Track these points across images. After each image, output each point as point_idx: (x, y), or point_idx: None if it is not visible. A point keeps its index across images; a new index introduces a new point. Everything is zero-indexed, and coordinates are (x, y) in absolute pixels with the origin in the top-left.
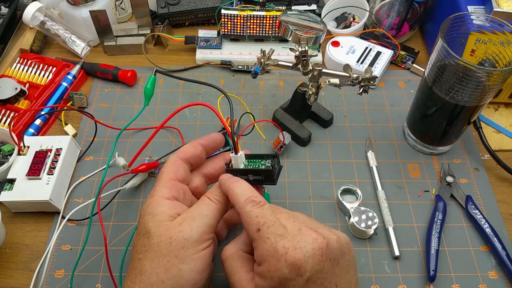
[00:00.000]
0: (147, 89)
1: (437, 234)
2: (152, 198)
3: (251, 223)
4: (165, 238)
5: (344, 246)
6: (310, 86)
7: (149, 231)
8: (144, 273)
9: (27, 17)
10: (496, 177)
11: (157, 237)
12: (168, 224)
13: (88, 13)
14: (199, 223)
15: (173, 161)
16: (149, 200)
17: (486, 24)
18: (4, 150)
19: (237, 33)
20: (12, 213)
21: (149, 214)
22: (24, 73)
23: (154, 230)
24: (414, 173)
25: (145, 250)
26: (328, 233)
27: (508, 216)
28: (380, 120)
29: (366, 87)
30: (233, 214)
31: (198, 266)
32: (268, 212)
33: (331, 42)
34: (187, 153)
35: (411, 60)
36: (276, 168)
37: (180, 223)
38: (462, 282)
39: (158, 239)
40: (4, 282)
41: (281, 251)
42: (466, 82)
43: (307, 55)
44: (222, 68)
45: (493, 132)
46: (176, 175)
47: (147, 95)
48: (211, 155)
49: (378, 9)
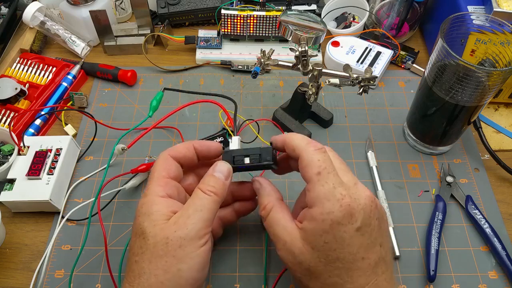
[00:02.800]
0: (153, 103)
1: (437, 234)
2: (146, 197)
3: (312, 166)
4: (161, 239)
5: (384, 213)
6: (310, 86)
7: (144, 232)
8: (142, 276)
9: (27, 17)
10: (496, 177)
11: (153, 237)
12: (164, 224)
13: (88, 13)
14: (194, 219)
15: (165, 159)
16: (143, 200)
17: (486, 24)
18: (4, 150)
19: (237, 33)
20: (12, 213)
21: (144, 214)
22: (24, 73)
23: (150, 230)
24: (414, 173)
25: (142, 252)
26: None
27: (508, 216)
28: (380, 120)
29: (366, 87)
30: (229, 213)
31: (197, 264)
32: (329, 159)
33: (331, 42)
34: (179, 152)
35: (411, 60)
36: (274, 150)
37: (175, 222)
38: (462, 282)
39: (154, 239)
40: (4, 282)
41: (337, 196)
42: (466, 82)
43: (307, 55)
44: (222, 68)
45: (493, 132)
46: (169, 173)
47: (152, 108)
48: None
49: (378, 9)
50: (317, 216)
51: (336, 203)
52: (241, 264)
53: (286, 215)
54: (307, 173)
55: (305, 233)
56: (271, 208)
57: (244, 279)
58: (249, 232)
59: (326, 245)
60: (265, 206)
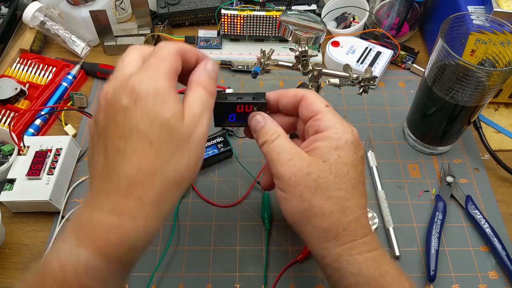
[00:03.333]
0: None
1: (437, 234)
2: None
3: (319, 100)
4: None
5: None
6: (310, 86)
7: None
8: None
9: (27, 17)
10: (496, 177)
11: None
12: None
13: (88, 13)
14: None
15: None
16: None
17: (486, 24)
18: (4, 150)
19: (237, 33)
20: (12, 213)
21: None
22: (24, 73)
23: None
24: (414, 173)
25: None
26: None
27: (508, 216)
28: (380, 120)
29: (366, 87)
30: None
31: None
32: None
33: (331, 42)
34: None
35: (411, 60)
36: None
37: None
38: (462, 282)
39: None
40: (4, 282)
41: (348, 124)
42: (466, 82)
43: (307, 55)
44: (222, 68)
45: (493, 132)
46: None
47: None
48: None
49: (378, 9)
50: (332, 135)
51: (348, 128)
52: (241, 264)
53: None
54: (315, 106)
55: (317, 150)
56: (277, 136)
57: (244, 279)
58: (249, 232)
59: (340, 159)
60: (272, 133)
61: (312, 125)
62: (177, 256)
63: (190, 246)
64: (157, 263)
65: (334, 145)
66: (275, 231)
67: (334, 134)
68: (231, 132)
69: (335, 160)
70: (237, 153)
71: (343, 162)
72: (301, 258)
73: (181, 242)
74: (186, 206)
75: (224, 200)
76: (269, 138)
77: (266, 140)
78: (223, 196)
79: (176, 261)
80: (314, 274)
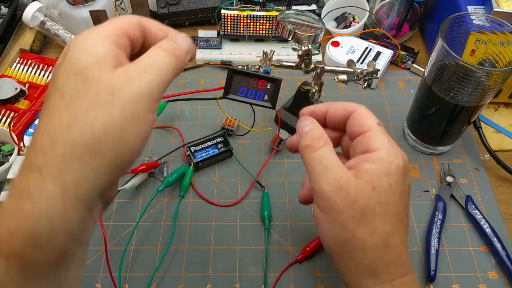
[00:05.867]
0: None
1: (437, 234)
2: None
3: (372, 117)
4: (107, 86)
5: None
6: (313, 84)
7: (84, 72)
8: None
9: (27, 17)
10: (496, 177)
11: (96, 82)
12: (111, 70)
13: (88, 13)
14: (151, 75)
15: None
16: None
17: (486, 24)
18: (4, 150)
19: (237, 33)
20: None
21: (86, 50)
22: (24, 73)
23: (93, 72)
24: (414, 173)
25: (78, 97)
26: None
27: (508, 216)
28: (380, 120)
29: (370, 81)
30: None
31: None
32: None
33: (331, 42)
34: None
35: (411, 60)
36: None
37: (125, 71)
38: (462, 282)
39: (97, 85)
40: None
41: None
42: (466, 82)
43: (310, 53)
44: (222, 68)
45: (493, 132)
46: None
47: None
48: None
49: (378, 9)
50: (383, 157)
51: (400, 152)
52: (241, 264)
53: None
54: (366, 123)
55: (366, 173)
56: (324, 144)
57: (244, 279)
58: (249, 232)
59: (390, 187)
60: (319, 139)
61: (361, 142)
62: (177, 256)
63: (190, 246)
64: (157, 263)
65: (385, 170)
66: (275, 231)
67: (385, 157)
68: (231, 131)
69: (385, 189)
70: (237, 153)
71: (392, 192)
72: (301, 258)
73: (181, 242)
74: (186, 206)
75: (224, 200)
76: (315, 144)
77: (310, 145)
78: (223, 196)
79: (176, 261)
80: (314, 274)
